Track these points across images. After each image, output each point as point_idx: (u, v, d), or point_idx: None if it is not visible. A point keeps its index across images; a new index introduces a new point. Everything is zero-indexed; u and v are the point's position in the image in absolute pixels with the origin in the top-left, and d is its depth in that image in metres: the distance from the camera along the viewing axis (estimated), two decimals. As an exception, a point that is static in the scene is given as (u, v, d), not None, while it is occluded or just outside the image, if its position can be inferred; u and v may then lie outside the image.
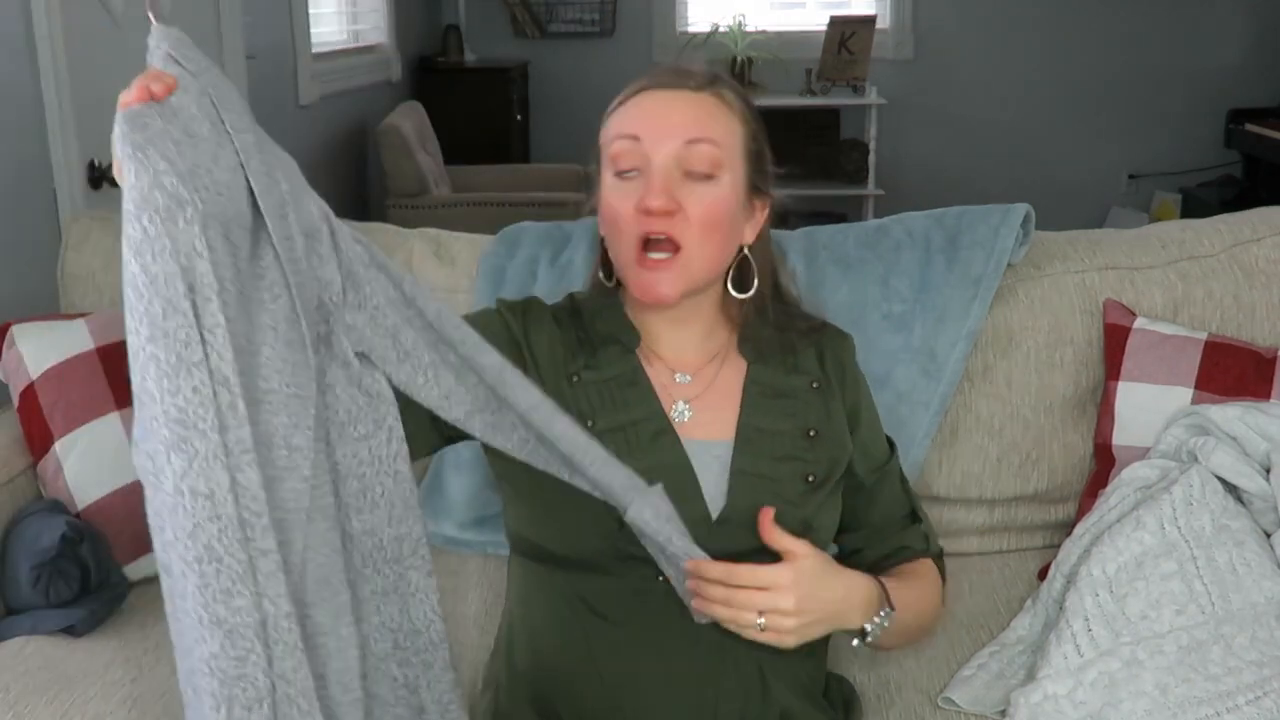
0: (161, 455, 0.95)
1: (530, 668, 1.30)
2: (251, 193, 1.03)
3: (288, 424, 1.05)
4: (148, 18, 1.08)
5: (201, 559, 0.94)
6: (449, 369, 1.16)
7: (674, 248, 1.24)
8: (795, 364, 1.35)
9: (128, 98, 0.99)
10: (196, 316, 0.95)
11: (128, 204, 0.94)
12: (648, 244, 1.24)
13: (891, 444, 1.42)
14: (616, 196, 1.26)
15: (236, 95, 1.06)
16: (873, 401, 1.42)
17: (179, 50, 1.03)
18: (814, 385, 1.34)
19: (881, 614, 1.23)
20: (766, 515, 1.17)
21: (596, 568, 1.24)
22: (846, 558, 1.37)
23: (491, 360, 1.16)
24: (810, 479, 1.29)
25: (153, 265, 0.93)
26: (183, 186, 0.95)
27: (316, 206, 1.10)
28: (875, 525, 1.39)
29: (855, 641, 1.24)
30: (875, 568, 1.34)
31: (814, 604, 1.16)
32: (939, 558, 1.43)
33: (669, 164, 1.23)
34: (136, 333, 0.95)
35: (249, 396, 1.01)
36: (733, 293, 1.33)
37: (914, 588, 1.34)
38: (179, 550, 0.95)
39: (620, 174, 1.26)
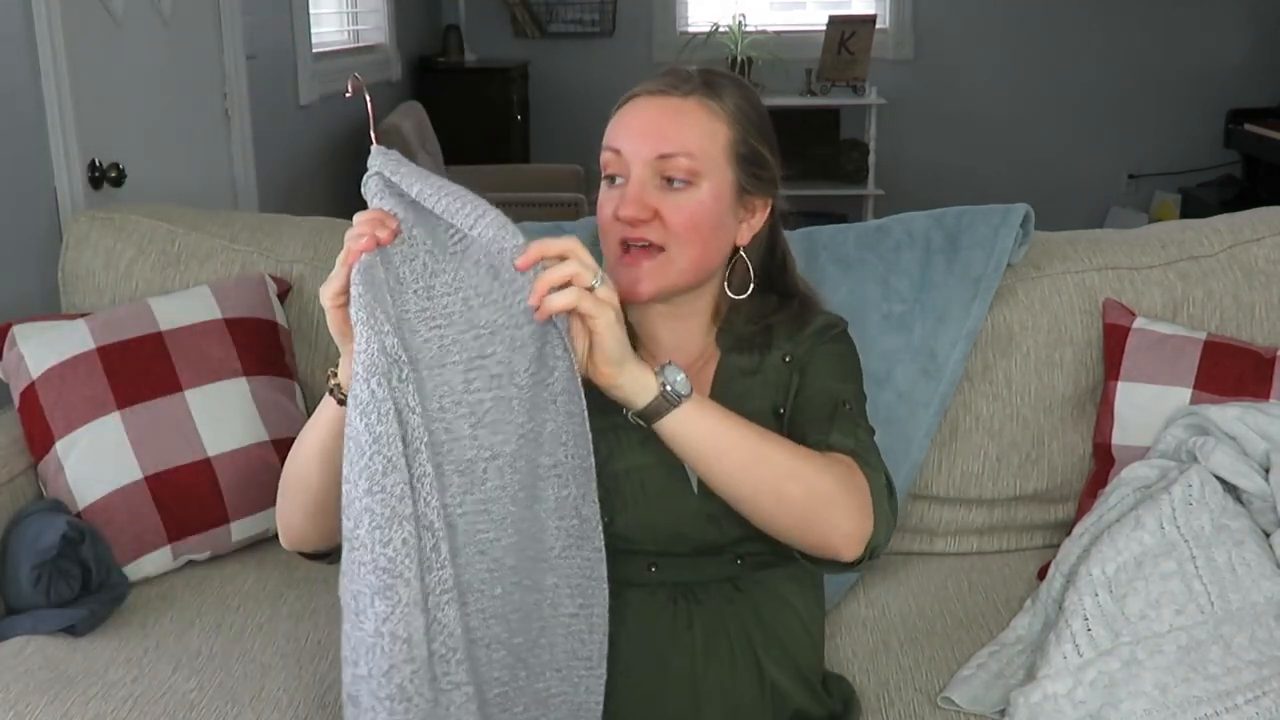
0: (365, 598, 0.99)
1: None
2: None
3: (577, 495, 1.13)
4: (370, 137, 1.13)
5: (393, 697, 1.00)
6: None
7: (656, 248, 1.27)
8: (769, 343, 1.35)
9: (358, 245, 1.03)
10: (410, 470, 1.00)
11: (357, 366, 0.99)
12: (628, 247, 1.27)
13: (846, 405, 1.31)
14: (603, 201, 1.30)
15: (441, 199, 1.09)
16: (836, 371, 1.34)
17: (394, 172, 1.08)
18: (785, 360, 1.34)
19: (677, 378, 1.14)
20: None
21: None
22: None
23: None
24: None
25: (377, 425, 0.98)
26: (401, 347, 1.01)
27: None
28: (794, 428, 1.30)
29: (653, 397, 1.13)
30: None
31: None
32: (865, 466, 1.23)
33: (644, 175, 1.26)
34: (355, 484, 0.99)
35: (533, 472, 1.08)
36: (729, 293, 1.34)
37: (769, 434, 1.20)
38: (371, 686, 1.01)
39: (609, 180, 1.30)
